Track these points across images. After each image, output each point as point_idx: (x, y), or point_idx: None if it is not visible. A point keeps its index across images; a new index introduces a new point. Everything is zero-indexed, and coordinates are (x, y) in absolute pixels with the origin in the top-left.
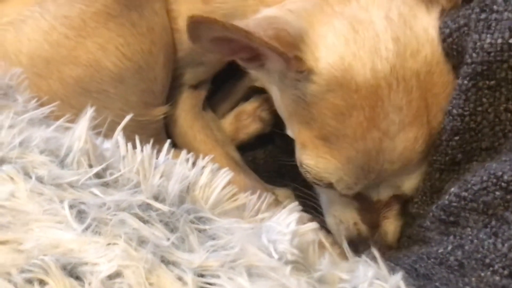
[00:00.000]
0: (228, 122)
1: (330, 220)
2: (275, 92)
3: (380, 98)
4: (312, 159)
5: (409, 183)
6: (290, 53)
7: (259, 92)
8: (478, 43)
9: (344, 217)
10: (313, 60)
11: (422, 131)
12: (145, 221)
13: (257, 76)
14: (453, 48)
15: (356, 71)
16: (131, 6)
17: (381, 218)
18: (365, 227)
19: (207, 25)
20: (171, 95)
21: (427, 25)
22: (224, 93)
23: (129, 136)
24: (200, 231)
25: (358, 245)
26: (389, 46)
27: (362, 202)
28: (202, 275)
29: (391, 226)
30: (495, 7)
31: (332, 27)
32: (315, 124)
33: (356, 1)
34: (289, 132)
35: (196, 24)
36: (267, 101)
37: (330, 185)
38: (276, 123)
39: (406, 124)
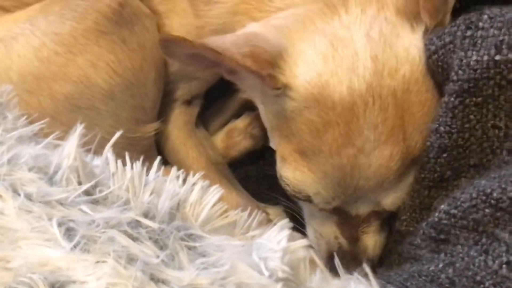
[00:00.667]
0: (219, 139)
1: (310, 233)
2: (259, 104)
3: (356, 115)
4: (291, 172)
5: (388, 200)
6: (264, 71)
7: (251, 109)
8: (464, 60)
9: (324, 231)
10: (291, 77)
11: (397, 149)
12: (134, 239)
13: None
14: (438, 65)
15: (333, 88)
16: (122, 23)
17: (360, 233)
18: (345, 241)
19: (178, 43)
20: (162, 112)
21: (408, 44)
22: (215, 110)
23: (119, 153)
24: (190, 248)
25: (342, 259)
26: (367, 64)
27: (341, 216)
28: None
29: (370, 241)
30: (480, 24)
31: (312, 44)
32: (294, 139)
33: (339, 18)
34: (272, 144)
35: (167, 43)
36: (258, 118)
37: (308, 199)
38: (268, 140)
39: (382, 141)
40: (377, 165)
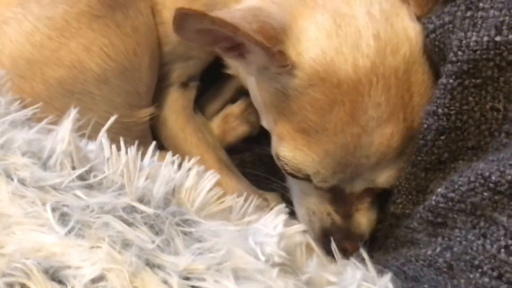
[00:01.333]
0: (215, 125)
1: (302, 211)
2: (251, 83)
3: (361, 94)
4: (290, 151)
5: (383, 177)
6: (274, 48)
7: (246, 94)
8: (464, 41)
9: (317, 209)
10: (295, 54)
11: (398, 128)
12: (129, 224)
13: (234, 66)
14: (435, 44)
15: (338, 66)
16: (116, 6)
17: (354, 209)
18: (339, 217)
19: (195, 18)
20: (159, 96)
21: (406, 25)
22: (211, 95)
23: (114, 138)
24: (185, 233)
25: (335, 234)
26: (370, 42)
27: (336, 194)
28: (187, 278)
29: (363, 217)
30: (481, 4)
31: (314, 21)
32: (294, 118)
33: None
34: (264, 123)
35: (184, 16)
36: None
37: (307, 177)
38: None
39: (384, 120)
40: (378, 143)
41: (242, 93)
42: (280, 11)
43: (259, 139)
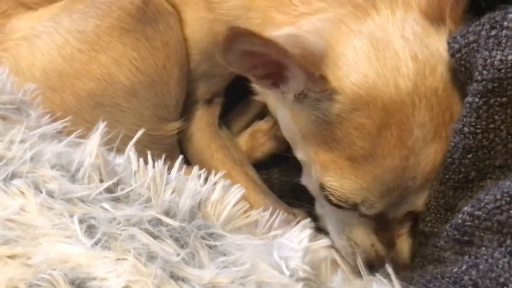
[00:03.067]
0: (243, 141)
1: (342, 242)
2: (283, 114)
3: (406, 115)
4: (337, 181)
5: (422, 200)
6: (316, 72)
7: None
8: (488, 60)
9: (360, 240)
10: (335, 80)
11: (441, 146)
12: (155, 237)
13: (265, 96)
14: (461, 63)
15: (381, 89)
16: (146, 21)
17: (396, 236)
18: (382, 247)
19: (248, 37)
20: (184, 113)
21: (439, 45)
22: (238, 111)
23: (142, 150)
24: (210, 247)
25: (375, 265)
26: (409, 64)
27: (379, 221)
28: None
29: (405, 243)
30: (505, 23)
31: (351, 46)
32: (339, 145)
33: (372, 20)
34: (300, 154)
35: (236, 36)
36: None
37: (354, 206)
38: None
39: (429, 140)
40: (424, 164)
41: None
42: (316, 38)
43: (286, 156)
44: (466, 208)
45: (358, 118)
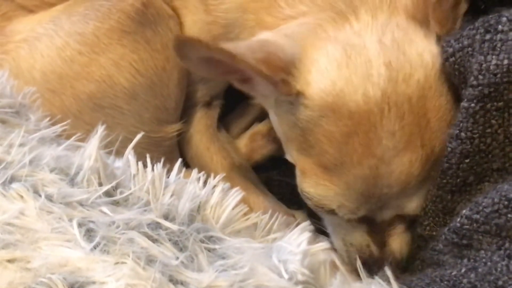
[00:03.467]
0: (242, 143)
1: (339, 243)
2: (272, 116)
3: (373, 124)
4: (312, 187)
5: (411, 205)
6: (277, 77)
7: None
8: (484, 65)
9: (355, 240)
10: (304, 85)
11: (416, 155)
12: (154, 240)
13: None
14: (455, 68)
15: (348, 97)
16: (145, 23)
17: (386, 236)
18: (376, 247)
19: (192, 44)
20: (183, 116)
21: (422, 49)
22: (238, 113)
23: (141, 153)
24: (209, 250)
25: (371, 266)
26: (381, 71)
27: (368, 224)
28: None
29: (396, 244)
30: (500, 27)
31: (325, 52)
32: (313, 151)
33: (350, 26)
34: (288, 157)
35: (182, 43)
36: None
37: (332, 212)
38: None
39: (400, 149)
40: (398, 173)
41: None
42: (291, 43)
43: (286, 158)
44: (464, 211)
45: (326, 126)
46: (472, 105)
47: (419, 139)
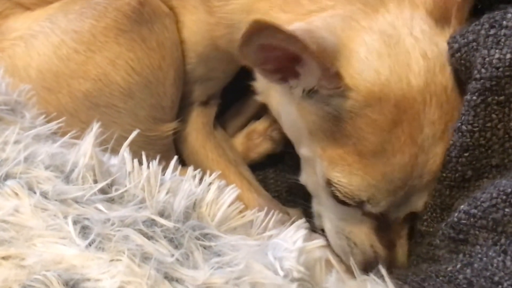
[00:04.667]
0: (239, 142)
1: (340, 242)
2: (288, 110)
3: (417, 112)
4: (345, 177)
5: (422, 200)
6: (332, 69)
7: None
8: (487, 59)
9: (359, 240)
10: (348, 77)
11: (447, 146)
12: (149, 237)
13: (267, 95)
14: (461, 63)
15: (394, 86)
16: (142, 21)
17: (397, 238)
18: (382, 248)
19: (270, 30)
20: (180, 114)
21: (444, 44)
22: (234, 111)
23: (137, 151)
24: (205, 247)
25: (371, 266)
26: (420, 61)
27: (380, 221)
28: None
29: (404, 247)
30: (504, 22)
31: (363, 42)
32: (349, 140)
33: (382, 16)
34: (304, 150)
35: (259, 29)
36: None
37: (360, 203)
38: (287, 143)
39: (437, 138)
40: (431, 163)
41: (265, 110)
42: (328, 34)
43: (282, 156)
44: (462, 206)
45: (371, 114)
46: (474, 98)
47: (451, 129)
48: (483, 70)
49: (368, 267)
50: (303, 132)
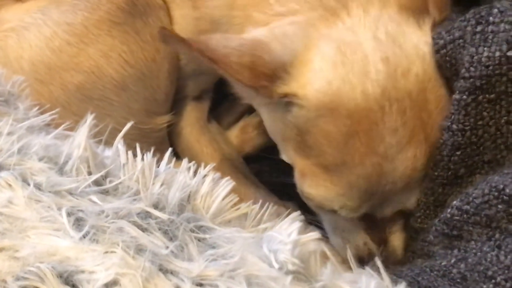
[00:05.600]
0: (233, 135)
1: (338, 241)
2: (265, 115)
3: (374, 122)
4: (313, 188)
5: (412, 199)
6: (257, 84)
7: None
8: (475, 57)
9: (352, 238)
10: (298, 87)
11: (420, 149)
12: (143, 229)
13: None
14: (446, 60)
15: (346, 96)
16: (135, 14)
17: (388, 233)
18: (375, 245)
19: (174, 41)
20: (174, 107)
21: (417, 41)
22: (228, 105)
23: (130, 144)
24: (200, 240)
25: (366, 261)
26: (379, 67)
27: (367, 221)
28: (200, 284)
29: (398, 241)
30: (491, 18)
31: (319, 51)
32: (312, 152)
33: (342, 22)
34: (284, 157)
35: (166, 39)
36: None
37: (333, 212)
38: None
39: (404, 144)
40: (403, 168)
41: None
42: (283, 45)
43: (277, 148)
44: (455, 202)
45: (324, 126)
46: (464, 97)
47: (422, 132)
48: (472, 69)
49: (363, 262)
50: (278, 139)
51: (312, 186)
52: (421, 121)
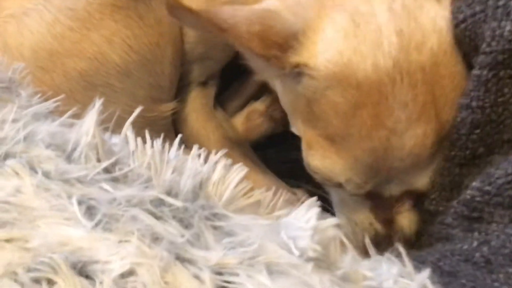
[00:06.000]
0: (239, 122)
1: (344, 221)
2: (278, 86)
3: (384, 95)
4: (319, 160)
5: (422, 179)
6: (268, 53)
7: (270, 90)
8: (498, 31)
9: (358, 218)
10: (309, 56)
11: (431, 126)
12: (158, 217)
13: (263, 72)
14: (466, 34)
15: (356, 67)
16: None
17: (394, 213)
18: (380, 225)
19: (183, 13)
20: (179, 95)
21: (434, 15)
22: (233, 91)
23: (136, 132)
24: (215, 228)
25: (379, 244)
26: (392, 39)
27: (374, 199)
28: (220, 273)
29: (405, 220)
30: None
31: (332, 21)
32: (319, 123)
33: None
34: (294, 129)
35: (173, 11)
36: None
37: (339, 185)
38: (288, 123)
39: (413, 120)
40: (411, 145)
41: (265, 89)
42: (296, 14)
43: (283, 136)
44: (474, 183)
45: (333, 97)
46: (485, 72)
47: (433, 109)
48: (493, 43)
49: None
50: (289, 110)
51: (318, 158)
52: (433, 96)
